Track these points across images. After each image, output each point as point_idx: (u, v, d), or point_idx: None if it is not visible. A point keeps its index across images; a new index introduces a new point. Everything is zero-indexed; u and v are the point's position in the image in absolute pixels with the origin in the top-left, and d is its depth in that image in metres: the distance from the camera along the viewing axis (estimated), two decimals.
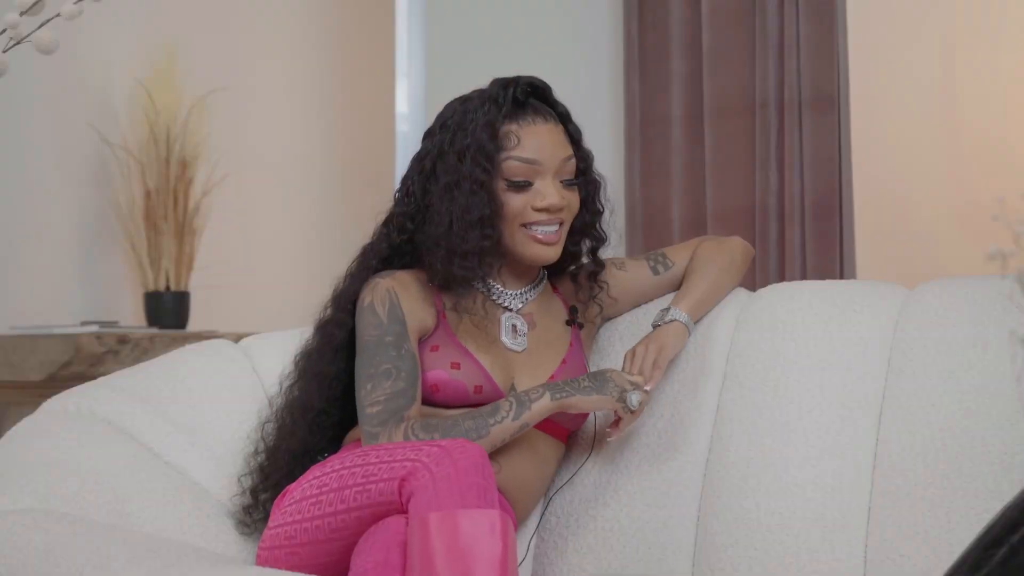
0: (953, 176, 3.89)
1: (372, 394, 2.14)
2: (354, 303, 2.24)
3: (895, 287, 2.32)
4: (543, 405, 2.13)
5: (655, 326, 2.30)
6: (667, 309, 2.31)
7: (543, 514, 2.33)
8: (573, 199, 2.27)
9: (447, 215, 2.20)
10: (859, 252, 3.83)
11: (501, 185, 2.22)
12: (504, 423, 2.11)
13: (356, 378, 2.19)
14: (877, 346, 2.23)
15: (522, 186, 2.23)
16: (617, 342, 2.40)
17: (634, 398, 2.15)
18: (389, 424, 2.11)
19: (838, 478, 2.16)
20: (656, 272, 2.40)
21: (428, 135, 2.28)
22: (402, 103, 4.88)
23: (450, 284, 2.23)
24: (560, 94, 2.31)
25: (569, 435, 2.33)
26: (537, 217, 2.23)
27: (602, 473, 2.30)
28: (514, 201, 2.22)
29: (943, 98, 3.93)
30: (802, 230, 3.82)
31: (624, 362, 2.26)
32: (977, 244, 3.32)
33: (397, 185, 2.32)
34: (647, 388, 2.22)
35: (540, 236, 2.24)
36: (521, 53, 4.28)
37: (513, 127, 2.23)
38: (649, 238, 4.05)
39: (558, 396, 2.13)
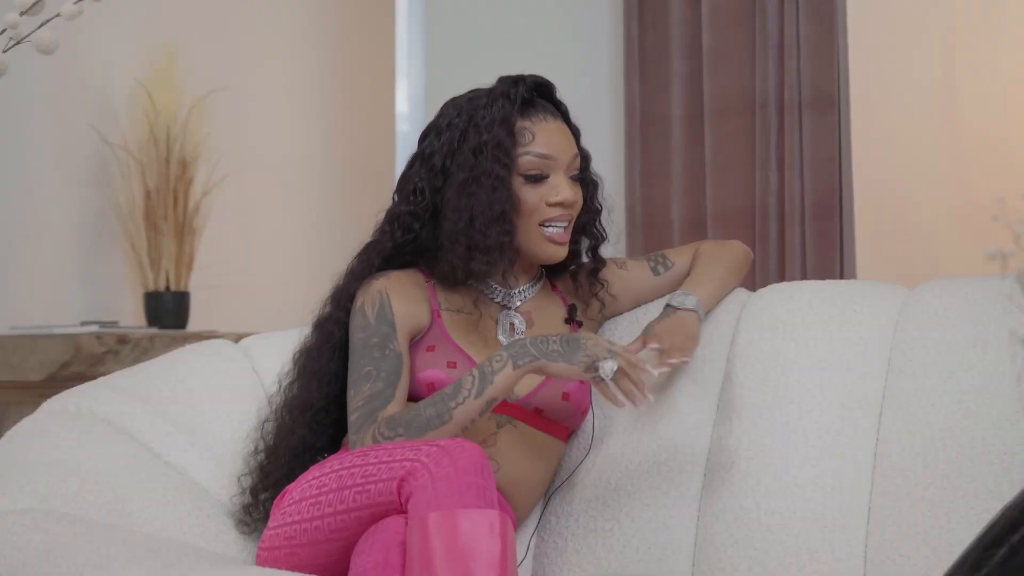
0: (953, 176, 3.89)
1: (354, 399, 2.15)
2: (353, 301, 2.25)
3: (895, 287, 2.32)
4: (506, 375, 2.08)
5: (673, 306, 2.29)
6: (687, 293, 2.30)
7: (543, 514, 2.33)
8: (580, 195, 2.29)
9: (467, 211, 2.20)
10: (859, 252, 3.83)
11: (517, 180, 2.23)
12: (467, 403, 2.07)
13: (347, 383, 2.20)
14: (877, 346, 2.23)
15: (538, 179, 2.23)
16: (617, 342, 2.39)
17: (607, 366, 2.05)
18: (363, 429, 2.11)
19: (838, 478, 2.16)
20: (656, 273, 2.40)
21: (433, 135, 2.27)
22: (402, 103, 4.88)
23: (468, 279, 2.23)
24: (560, 94, 2.32)
25: (570, 434, 2.33)
26: (552, 213, 2.24)
27: (602, 473, 2.30)
28: (530, 196, 2.23)
29: (943, 98, 3.93)
30: (802, 230, 3.82)
31: (646, 337, 2.24)
32: (977, 244, 3.32)
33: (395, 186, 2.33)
34: (685, 360, 2.20)
35: (554, 235, 2.25)
36: (521, 53, 4.28)
37: (527, 123, 2.24)
38: (649, 238, 4.05)
39: (521, 363, 2.07)
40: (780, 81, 3.87)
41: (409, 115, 4.84)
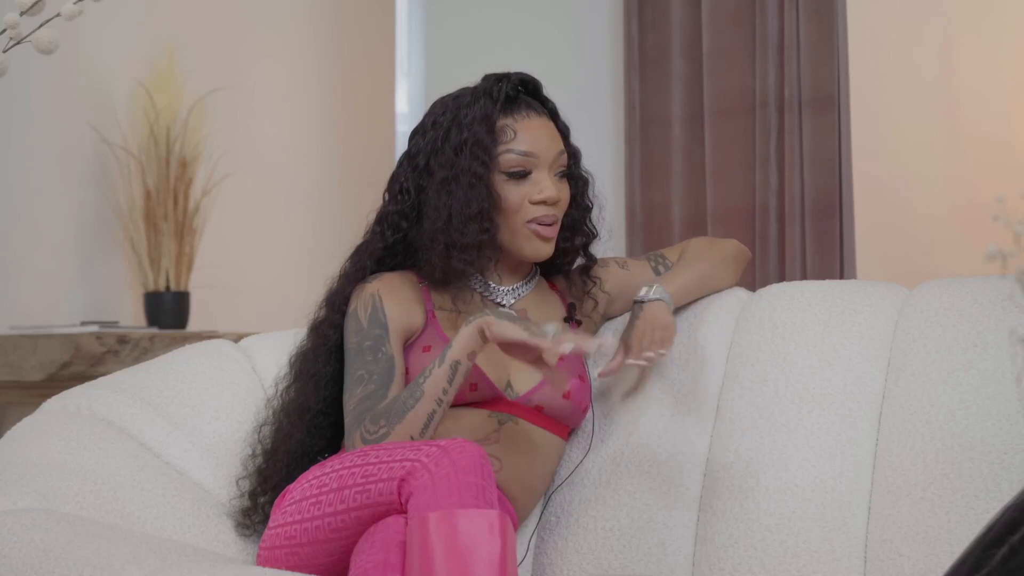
0: (953, 176, 3.89)
1: (348, 404, 2.15)
2: (347, 303, 2.25)
3: (895, 287, 2.32)
4: (462, 332, 2.09)
5: (639, 301, 2.28)
6: (651, 286, 2.29)
7: (543, 513, 2.33)
8: (566, 192, 2.28)
9: (445, 209, 2.20)
10: (859, 252, 3.83)
11: (499, 178, 2.23)
12: (434, 374, 2.09)
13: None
14: (877, 346, 2.23)
15: (520, 176, 2.23)
16: (618, 342, 2.39)
17: (550, 327, 2.06)
18: (352, 431, 2.11)
19: (838, 478, 2.16)
20: (658, 272, 2.40)
21: (418, 133, 2.28)
22: (402, 103, 4.88)
23: (448, 278, 2.23)
24: (560, 94, 2.32)
25: (570, 432, 2.33)
26: (536, 212, 2.24)
27: (602, 473, 2.30)
28: (512, 194, 2.23)
29: (943, 98, 3.93)
30: (802, 230, 3.83)
31: (624, 347, 2.24)
32: (977, 244, 3.32)
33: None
34: (662, 352, 2.20)
35: (540, 231, 2.25)
36: (521, 53, 4.28)
37: (509, 121, 2.24)
38: (649, 238, 4.05)
39: (471, 319, 2.10)
40: (780, 81, 3.87)
41: (409, 115, 4.85)
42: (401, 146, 4.78)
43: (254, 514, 2.25)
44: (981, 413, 2.10)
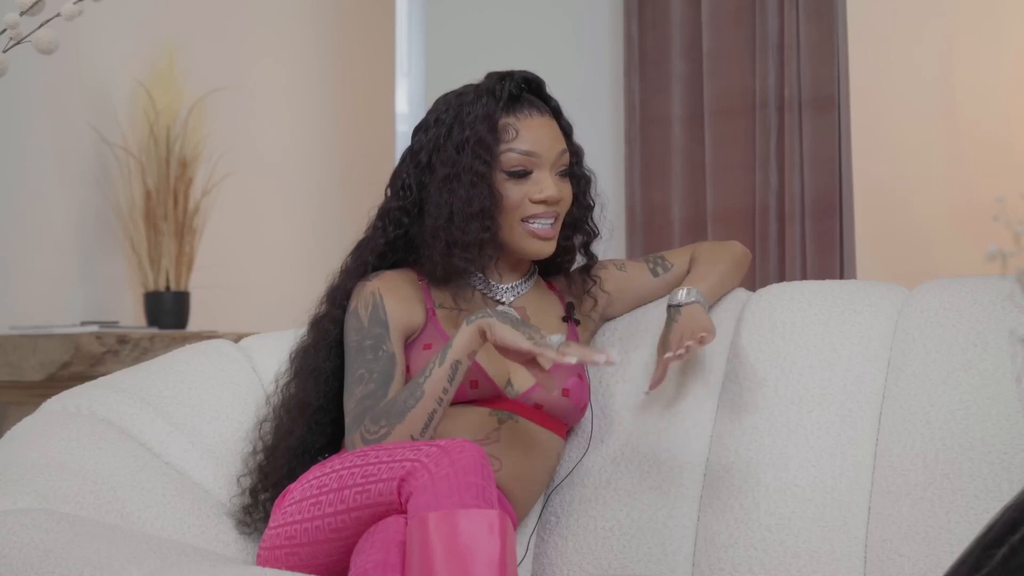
0: (953, 176, 3.89)
1: (348, 403, 2.15)
2: (348, 299, 2.25)
3: (895, 287, 2.32)
4: (461, 334, 2.08)
5: (675, 305, 2.26)
6: (686, 289, 2.28)
7: (542, 513, 2.33)
8: (567, 191, 2.28)
9: (447, 207, 2.20)
10: (859, 252, 3.83)
11: (500, 177, 2.23)
12: (434, 373, 2.08)
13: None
14: (877, 346, 2.24)
15: (521, 175, 2.23)
16: (617, 342, 2.40)
17: (555, 338, 2.04)
18: (353, 431, 2.12)
19: (838, 478, 2.16)
20: (656, 274, 2.40)
21: (421, 130, 2.28)
22: (402, 103, 4.88)
23: (449, 276, 2.23)
24: (560, 94, 2.32)
25: (569, 431, 2.33)
26: (535, 210, 2.24)
27: (602, 473, 2.30)
28: (513, 192, 2.23)
29: (943, 98, 3.93)
30: (802, 230, 3.83)
31: (666, 354, 2.23)
32: (977, 244, 3.31)
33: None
34: (710, 339, 2.18)
35: (539, 231, 2.24)
36: (521, 53, 4.28)
37: (511, 119, 2.24)
38: (649, 238, 4.05)
39: (473, 319, 2.08)
40: (780, 81, 3.87)
41: (409, 115, 4.85)
42: (401, 146, 4.78)
43: (255, 511, 2.25)
44: (981, 413, 2.10)
